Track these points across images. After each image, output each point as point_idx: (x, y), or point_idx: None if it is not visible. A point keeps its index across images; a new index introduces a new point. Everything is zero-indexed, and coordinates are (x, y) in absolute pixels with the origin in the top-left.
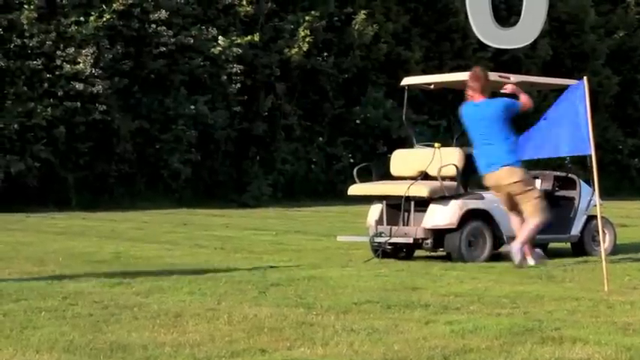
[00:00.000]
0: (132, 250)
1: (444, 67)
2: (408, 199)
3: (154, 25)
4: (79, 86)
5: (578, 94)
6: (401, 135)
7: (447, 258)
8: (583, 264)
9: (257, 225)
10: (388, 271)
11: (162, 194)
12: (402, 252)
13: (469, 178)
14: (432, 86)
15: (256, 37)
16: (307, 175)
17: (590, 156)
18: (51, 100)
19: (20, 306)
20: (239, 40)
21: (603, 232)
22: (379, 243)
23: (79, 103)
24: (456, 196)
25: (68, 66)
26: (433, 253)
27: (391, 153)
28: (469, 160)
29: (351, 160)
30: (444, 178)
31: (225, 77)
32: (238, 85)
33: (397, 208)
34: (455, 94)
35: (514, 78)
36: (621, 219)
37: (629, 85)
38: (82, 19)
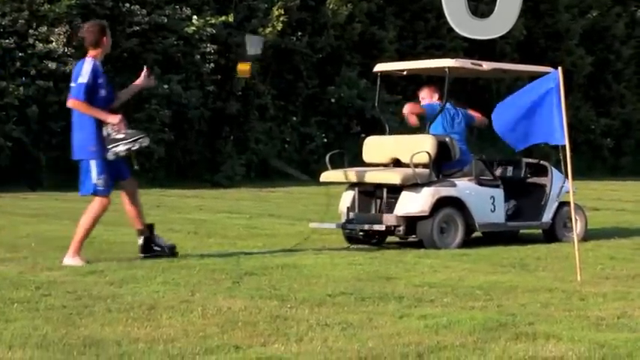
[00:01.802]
0: (105, 235)
1: (418, 46)
2: (380, 186)
3: (127, 4)
4: (52, 65)
5: (553, 83)
6: (375, 115)
7: (420, 245)
8: (555, 252)
9: (230, 207)
10: (362, 259)
11: (136, 174)
12: (375, 239)
13: (441, 165)
14: (405, 72)
15: (230, 17)
16: (280, 154)
17: (564, 146)
18: (23, 79)
19: None
20: (213, 20)
21: (575, 218)
22: (351, 229)
23: (51, 83)
24: (429, 184)
25: (41, 45)
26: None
27: (365, 133)
28: (441, 147)
29: (325, 140)
30: (416, 165)
31: (198, 57)
32: (212, 64)
33: (369, 195)
34: (429, 76)
35: (487, 65)
36: (593, 201)
37: (602, 65)
38: None
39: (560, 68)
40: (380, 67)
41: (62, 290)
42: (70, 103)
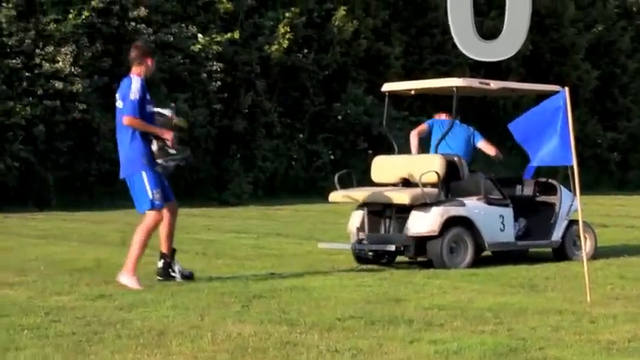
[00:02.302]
0: (113, 257)
1: (424, 61)
2: (389, 205)
3: (133, 23)
4: (59, 85)
5: (560, 104)
6: (382, 132)
7: (430, 264)
8: (565, 271)
9: (238, 227)
10: (371, 280)
11: None
12: (384, 258)
13: (450, 184)
14: (413, 92)
15: (236, 35)
16: (288, 172)
17: (572, 167)
18: (30, 98)
19: (2, 324)
20: (219, 38)
21: (584, 237)
22: (360, 250)
23: (58, 102)
24: (438, 203)
25: (47, 64)
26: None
27: (372, 149)
28: (450, 166)
29: (332, 157)
30: (425, 185)
31: (205, 75)
32: (218, 82)
33: (378, 214)
34: (439, 98)
35: (494, 84)
36: (601, 217)
37: (608, 79)
38: (60, 17)
39: (567, 88)
40: (388, 87)
41: (71, 316)
42: (127, 120)
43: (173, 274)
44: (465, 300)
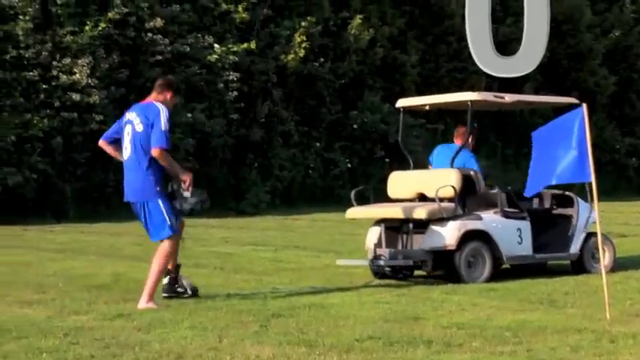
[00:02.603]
0: (131, 272)
1: (440, 69)
2: (406, 220)
3: (149, 34)
4: (76, 97)
5: (578, 121)
6: (398, 139)
7: (447, 279)
8: (584, 285)
9: (256, 239)
10: (389, 297)
11: None
12: (402, 273)
13: (466, 198)
14: (427, 107)
15: (252, 44)
16: (305, 180)
17: (590, 183)
18: (47, 110)
19: (21, 346)
20: (235, 48)
21: (603, 249)
22: (378, 266)
23: (75, 114)
24: (455, 218)
25: (64, 76)
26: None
27: (389, 157)
28: (466, 180)
29: (349, 165)
30: (441, 200)
31: (221, 85)
32: (235, 92)
33: (395, 230)
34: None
35: (509, 98)
36: (620, 227)
37: (625, 85)
38: (77, 29)
39: (585, 105)
40: (402, 103)
41: (90, 337)
42: (158, 152)
43: (180, 289)
44: (484, 318)
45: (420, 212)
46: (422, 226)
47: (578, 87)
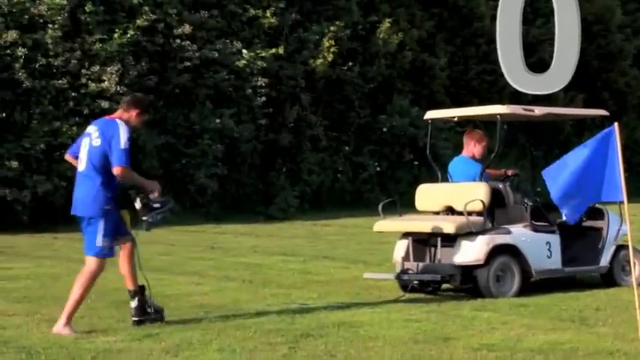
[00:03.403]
0: (159, 286)
1: (469, 72)
2: (434, 234)
3: (178, 40)
4: (105, 104)
5: (610, 139)
6: (426, 143)
7: (476, 293)
8: (615, 300)
9: (285, 248)
10: (419, 314)
11: (190, 209)
12: (430, 287)
13: (495, 212)
14: (456, 119)
15: (281, 49)
16: (334, 185)
17: (622, 202)
18: (76, 118)
19: None
20: (263, 53)
21: (634, 262)
22: (406, 280)
23: None
24: (483, 232)
25: (93, 84)
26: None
27: (417, 161)
28: (495, 194)
29: (378, 169)
30: (470, 213)
31: (250, 90)
32: (263, 97)
33: (423, 243)
34: (480, 101)
35: (539, 110)
36: None
37: None
38: (105, 36)
39: (616, 124)
40: (431, 115)
41: None
42: (119, 170)
43: (149, 309)
44: (515, 338)
45: (449, 226)
46: (450, 239)
47: (609, 88)
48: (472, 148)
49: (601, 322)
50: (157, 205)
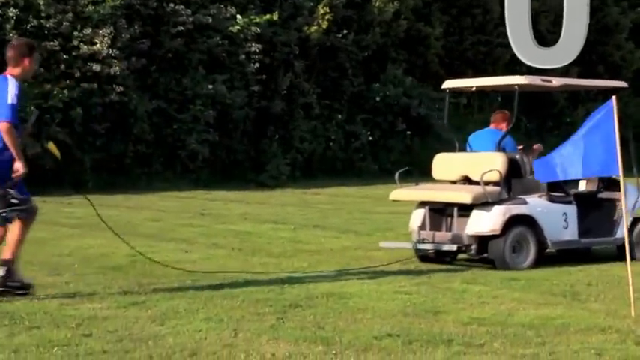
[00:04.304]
0: (148, 253)
1: (464, 42)
2: (450, 204)
3: (172, 4)
4: (96, 67)
5: (607, 114)
6: (420, 112)
7: (490, 263)
8: (607, 276)
9: (276, 215)
10: (409, 286)
11: (180, 175)
12: (446, 256)
13: (512, 182)
14: (474, 89)
15: (275, 16)
16: (325, 153)
17: (618, 177)
18: (68, 81)
19: (32, 337)
20: (257, 19)
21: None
22: (423, 249)
23: (96, 85)
24: (499, 202)
25: (85, 47)
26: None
27: (410, 130)
28: (512, 164)
29: (370, 138)
30: (486, 183)
31: (243, 56)
32: (257, 64)
33: (440, 212)
34: (474, 72)
35: (556, 81)
36: None
37: None
38: None
39: (614, 97)
40: (448, 84)
41: (103, 329)
42: (5, 127)
43: (11, 283)
44: (505, 312)
45: (465, 196)
46: (467, 209)
47: (604, 61)
48: (501, 125)
49: (593, 298)
50: (14, 201)
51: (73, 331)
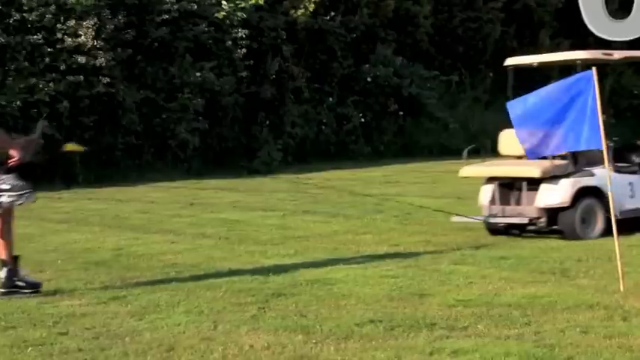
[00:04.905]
0: (134, 245)
1: (454, 19)
2: (519, 178)
3: None
4: (82, 59)
5: (587, 86)
6: (412, 92)
7: (558, 233)
8: (598, 251)
9: (265, 202)
10: (395, 269)
11: (171, 165)
12: (515, 229)
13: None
14: (535, 65)
15: (261, 0)
16: (318, 137)
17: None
18: (53, 74)
19: (7, 337)
20: (243, 4)
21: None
22: (494, 223)
23: (82, 77)
24: (567, 175)
25: (69, 39)
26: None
27: (402, 111)
28: None
29: (362, 120)
30: (553, 157)
31: (230, 42)
32: (244, 49)
33: (508, 187)
34: (465, 49)
35: (618, 54)
36: None
37: None
38: None
39: (594, 68)
40: (511, 62)
41: (80, 326)
42: None
43: (20, 283)
44: (492, 292)
45: (534, 170)
46: (535, 183)
47: (594, 33)
48: None
49: (582, 274)
50: (5, 187)
51: (49, 329)
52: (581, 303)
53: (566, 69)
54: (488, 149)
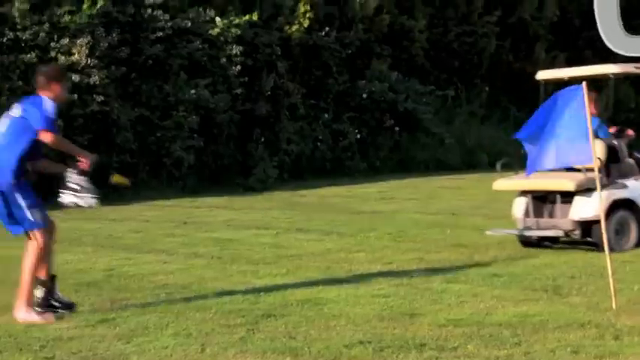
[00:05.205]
0: (125, 266)
1: (449, 33)
2: (553, 192)
3: (149, 10)
4: (75, 78)
5: (577, 100)
6: (407, 107)
7: (592, 245)
8: (591, 267)
9: (260, 221)
10: (387, 287)
11: (166, 183)
12: (548, 241)
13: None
14: (567, 78)
15: (255, 16)
16: (313, 153)
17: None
18: None
19: None
20: (237, 20)
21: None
22: (528, 236)
23: (75, 95)
24: (601, 187)
25: (63, 57)
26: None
27: (398, 126)
28: (610, 150)
29: (358, 136)
30: (587, 170)
31: (224, 59)
32: (239, 66)
33: (541, 200)
34: (460, 63)
35: None
36: None
37: None
38: (75, 8)
39: (584, 83)
40: (542, 75)
41: (67, 350)
42: (51, 137)
43: (55, 303)
44: (484, 312)
45: (568, 184)
46: (568, 195)
47: (592, 46)
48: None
49: (575, 291)
50: (73, 186)
51: (35, 354)
52: (573, 322)
53: (595, 82)
54: (518, 162)
